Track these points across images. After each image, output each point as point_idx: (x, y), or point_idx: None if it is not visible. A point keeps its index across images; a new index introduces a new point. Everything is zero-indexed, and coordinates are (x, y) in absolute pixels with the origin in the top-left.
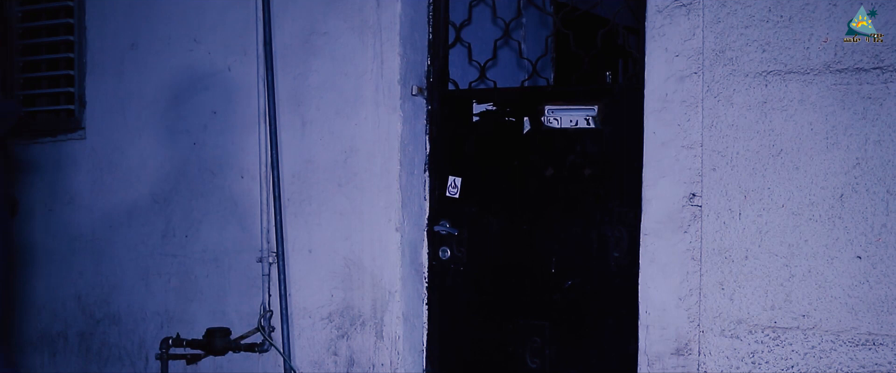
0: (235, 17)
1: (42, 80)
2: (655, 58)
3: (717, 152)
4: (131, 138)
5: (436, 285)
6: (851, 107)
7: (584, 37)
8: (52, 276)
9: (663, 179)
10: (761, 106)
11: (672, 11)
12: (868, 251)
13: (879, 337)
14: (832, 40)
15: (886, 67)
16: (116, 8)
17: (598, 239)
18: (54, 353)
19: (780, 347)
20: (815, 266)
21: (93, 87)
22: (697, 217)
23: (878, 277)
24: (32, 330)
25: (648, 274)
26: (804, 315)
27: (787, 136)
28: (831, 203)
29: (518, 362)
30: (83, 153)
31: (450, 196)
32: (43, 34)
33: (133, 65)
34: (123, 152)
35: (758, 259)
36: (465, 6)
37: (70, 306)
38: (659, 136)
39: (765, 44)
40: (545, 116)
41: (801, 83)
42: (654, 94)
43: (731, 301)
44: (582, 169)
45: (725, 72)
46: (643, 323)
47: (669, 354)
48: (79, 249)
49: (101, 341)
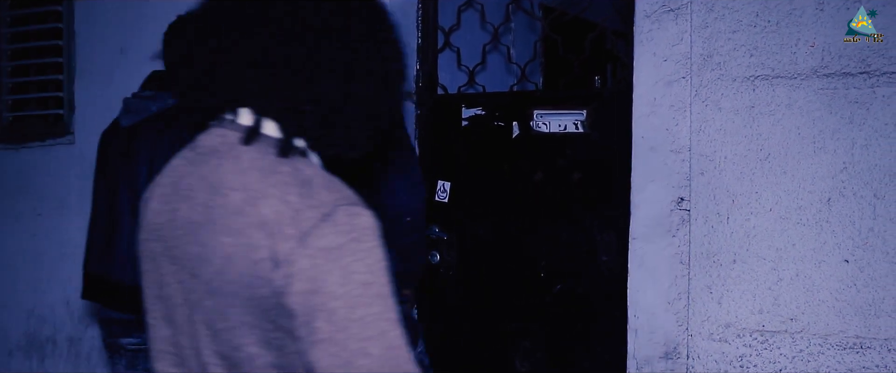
0: None
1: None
2: (644, 62)
3: (705, 157)
4: None
5: (425, 288)
6: (838, 111)
7: (573, 41)
8: (40, 280)
9: (652, 184)
10: (749, 110)
11: (660, 16)
12: (855, 255)
13: (867, 340)
14: (819, 45)
15: (873, 72)
16: (106, 13)
17: (587, 243)
18: (43, 357)
19: (768, 350)
20: (803, 270)
21: (82, 92)
22: (686, 221)
23: (866, 281)
24: (21, 335)
25: (637, 278)
26: (792, 319)
27: (775, 140)
28: (819, 207)
29: (508, 366)
30: (72, 158)
31: (439, 200)
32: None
33: (123, 69)
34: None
35: (746, 263)
36: (454, 11)
37: (59, 311)
38: (647, 140)
39: (752, 48)
40: (534, 120)
41: (788, 88)
42: (642, 98)
43: (720, 305)
44: (571, 173)
45: (713, 76)
46: (632, 327)
47: (658, 357)
48: (68, 253)
49: (91, 345)
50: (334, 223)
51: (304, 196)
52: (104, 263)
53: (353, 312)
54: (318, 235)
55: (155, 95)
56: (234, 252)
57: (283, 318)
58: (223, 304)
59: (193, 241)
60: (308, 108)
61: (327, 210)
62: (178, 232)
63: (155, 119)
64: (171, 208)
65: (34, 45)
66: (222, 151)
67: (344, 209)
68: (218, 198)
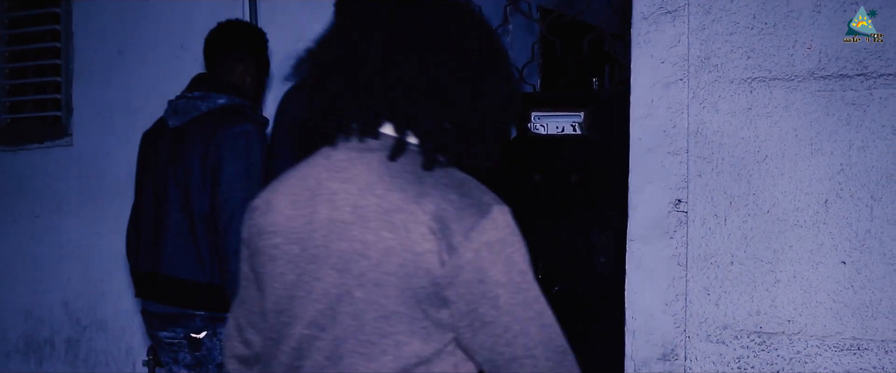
0: None
1: (29, 87)
2: (641, 64)
3: (702, 158)
4: (119, 145)
5: None
6: (836, 113)
7: (571, 43)
8: (38, 282)
9: (649, 185)
10: (746, 112)
11: (658, 18)
12: (853, 257)
13: (864, 342)
14: (816, 47)
15: (870, 74)
16: (104, 14)
17: (585, 244)
18: (41, 359)
19: (765, 352)
20: (800, 271)
21: (80, 94)
22: (683, 223)
23: (863, 283)
24: (19, 337)
25: (635, 279)
26: (789, 320)
27: (772, 142)
28: (816, 209)
29: None
30: (70, 160)
31: None
32: (29, 41)
33: (120, 71)
34: (111, 159)
35: (743, 265)
36: None
37: (57, 313)
38: (645, 142)
39: (749, 50)
40: (532, 122)
41: (785, 90)
42: (639, 100)
43: (717, 306)
44: (569, 175)
45: (710, 78)
46: (629, 329)
47: (656, 359)
48: (66, 255)
49: (89, 347)
50: (493, 220)
51: (463, 196)
52: (153, 260)
53: (514, 297)
54: (480, 230)
55: (204, 95)
56: (394, 246)
57: (434, 307)
58: (377, 294)
59: (341, 238)
60: (450, 126)
61: (485, 208)
62: (319, 232)
63: (204, 119)
64: (309, 212)
65: (32, 47)
66: (367, 159)
67: (498, 208)
68: (370, 198)
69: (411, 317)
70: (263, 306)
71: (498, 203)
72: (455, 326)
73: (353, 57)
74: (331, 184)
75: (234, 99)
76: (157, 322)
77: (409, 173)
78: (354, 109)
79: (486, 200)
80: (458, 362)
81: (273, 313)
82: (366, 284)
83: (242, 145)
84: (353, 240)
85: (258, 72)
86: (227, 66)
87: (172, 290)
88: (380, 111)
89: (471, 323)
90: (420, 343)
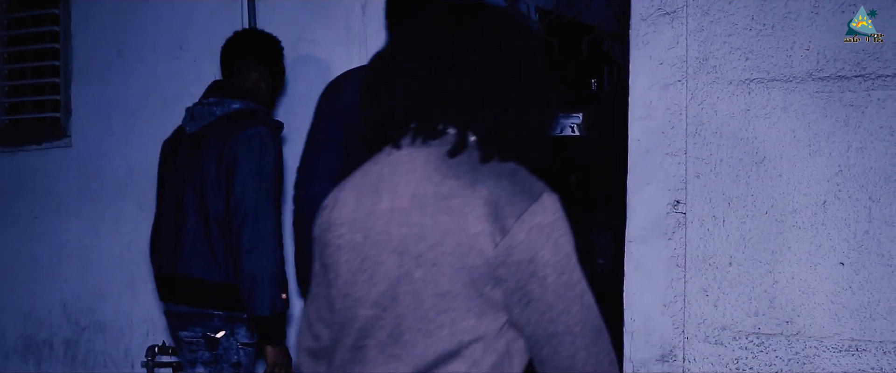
0: (222, 24)
1: (27, 88)
2: (640, 65)
3: (701, 160)
4: (118, 146)
5: None
6: (834, 114)
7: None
8: (37, 283)
9: (648, 186)
10: (744, 113)
11: (656, 20)
12: (851, 258)
13: (862, 343)
14: (815, 48)
15: (868, 75)
16: (103, 15)
17: (584, 245)
18: (40, 360)
19: (763, 353)
20: (799, 273)
21: (79, 95)
22: (682, 224)
23: (861, 284)
24: (17, 338)
25: (633, 280)
26: (788, 321)
27: (771, 143)
28: (814, 210)
29: None
30: (69, 161)
31: None
32: (28, 41)
33: (119, 72)
34: (110, 160)
35: (741, 266)
36: None
37: (56, 314)
38: (643, 143)
39: (748, 52)
40: None
41: (783, 91)
42: (638, 101)
43: (715, 308)
44: (567, 176)
45: (709, 79)
46: (628, 329)
47: (654, 360)
48: (65, 256)
49: (87, 348)
50: (543, 205)
51: (515, 183)
52: (171, 262)
53: (560, 277)
54: (531, 214)
55: (219, 101)
56: (451, 228)
57: (488, 285)
58: (434, 273)
59: (401, 224)
60: (511, 129)
61: (536, 195)
62: (380, 221)
63: (219, 124)
64: (372, 203)
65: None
66: (426, 154)
67: (548, 194)
68: (428, 186)
69: (466, 295)
70: (331, 298)
71: (548, 190)
72: (506, 303)
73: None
74: (392, 178)
75: (249, 104)
76: (177, 322)
77: (465, 164)
78: (417, 115)
79: (537, 188)
80: (510, 340)
81: (339, 298)
82: (424, 264)
83: (256, 147)
84: (411, 225)
85: (273, 79)
86: (242, 74)
87: (187, 289)
88: (441, 117)
89: (519, 300)
90: (475, 320)
